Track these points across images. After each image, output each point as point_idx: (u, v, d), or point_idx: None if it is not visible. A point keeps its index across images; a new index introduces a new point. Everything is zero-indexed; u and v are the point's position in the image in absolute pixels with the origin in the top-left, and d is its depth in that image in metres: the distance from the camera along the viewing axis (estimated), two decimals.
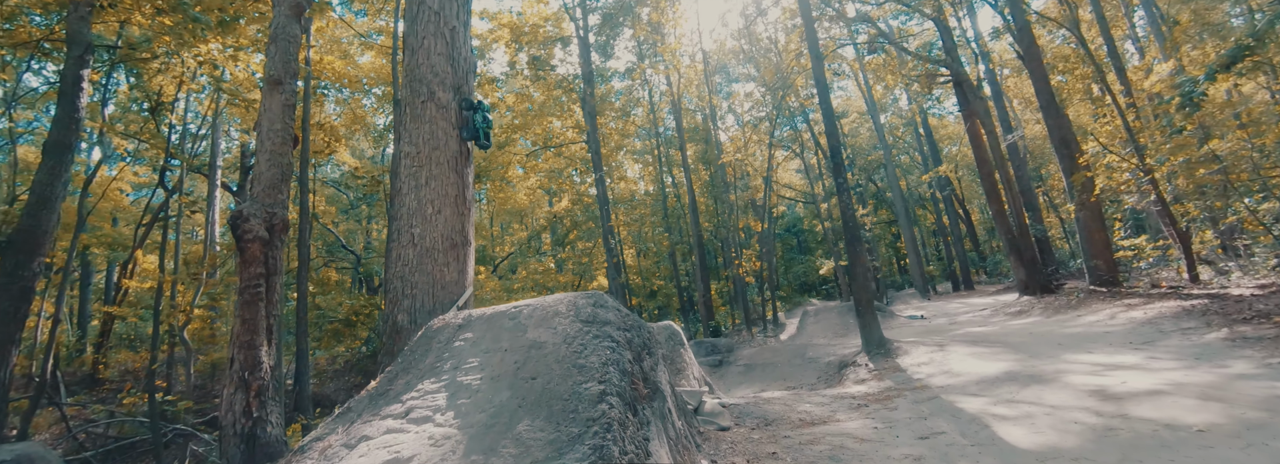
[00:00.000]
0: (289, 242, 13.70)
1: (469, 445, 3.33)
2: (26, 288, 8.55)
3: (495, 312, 4.87)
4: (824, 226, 30.11)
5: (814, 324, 20.38)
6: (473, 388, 3.89)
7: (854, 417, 6.75)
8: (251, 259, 6.50)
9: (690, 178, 26.11)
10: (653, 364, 4.57)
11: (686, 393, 6.63)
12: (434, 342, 4.69)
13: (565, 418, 3.42)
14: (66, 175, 9.57)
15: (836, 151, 11.76)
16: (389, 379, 4.46)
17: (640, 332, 4.80)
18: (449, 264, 6.53)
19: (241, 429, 5.43)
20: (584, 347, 4.06)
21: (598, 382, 3.70)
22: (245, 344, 5.94)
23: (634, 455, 3.34)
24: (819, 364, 14.20)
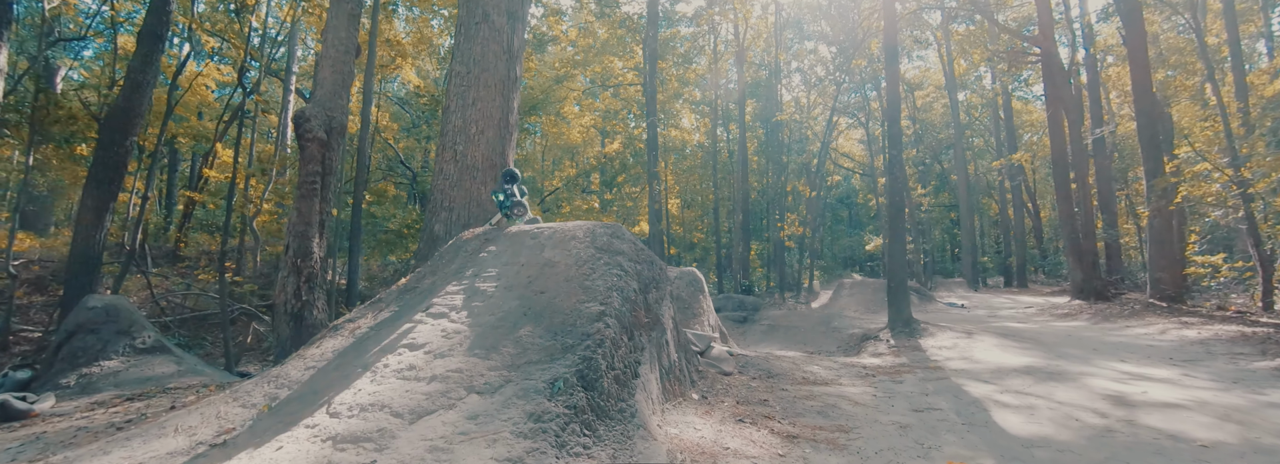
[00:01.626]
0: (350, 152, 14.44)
1: (475, 341, 3.65)
2: (120, 161, 9.48)
3: (519, 230, 5.12)
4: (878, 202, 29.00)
5: (848, 297, 20.21)
6: (487, 294, 4.20)
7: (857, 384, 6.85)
8: (310, 157, 6.98)
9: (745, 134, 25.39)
10: (658, 298, 4.75)
11: (695, 335, 6.87)
12: (461, 251, 5.01)
13: (563, 330, 3.68)
14: (157, 63, 10.27)
15: (894, 116, 11.16)
16: (418, 278, 4.84)
17: (651, 266, 4.96)
18: (486, 183, 6.80)
19: (292, 309, 6.08)
20: (593, 270, 4.26)
21: (599, 303, 3.91)
22: (299, 234, 6.51)
23: (620, 372, 3.59)
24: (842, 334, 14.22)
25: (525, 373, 3.29)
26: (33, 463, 3.03)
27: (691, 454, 3.30)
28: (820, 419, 4.82)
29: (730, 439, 3.80)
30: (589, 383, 3.27)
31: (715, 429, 3.95)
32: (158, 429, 3.23)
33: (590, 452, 2.90)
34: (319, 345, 4.03)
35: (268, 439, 2.94)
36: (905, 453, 4.04)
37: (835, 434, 4.35)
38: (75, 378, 5.40)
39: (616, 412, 3.29)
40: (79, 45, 19.65)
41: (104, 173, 9.37)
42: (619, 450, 3.02)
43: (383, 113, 19.34)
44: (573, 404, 3.07)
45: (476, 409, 3.01)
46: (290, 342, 5.70)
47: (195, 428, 3.16)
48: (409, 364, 3.45)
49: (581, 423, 3.02)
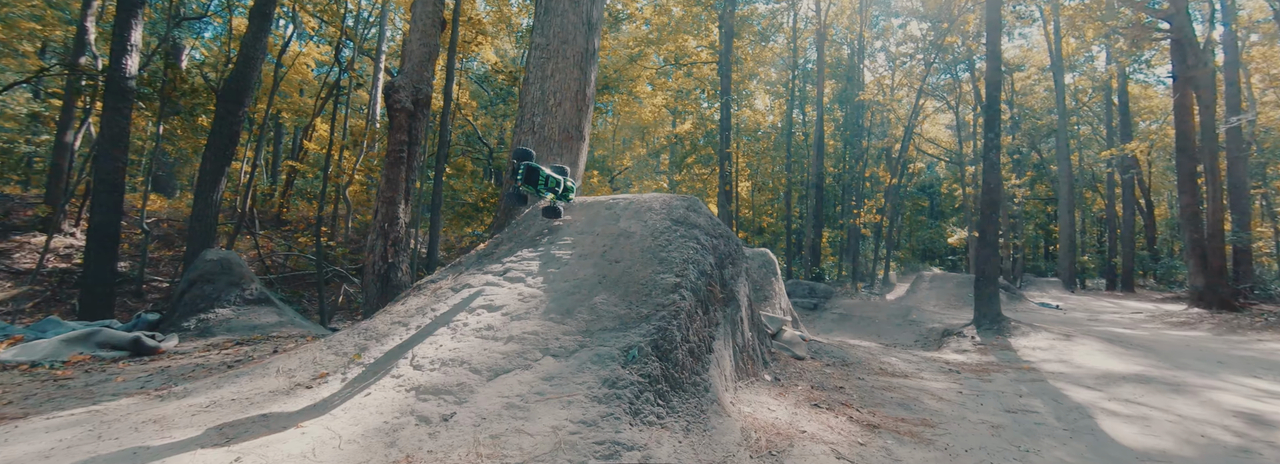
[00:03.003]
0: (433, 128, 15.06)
1: (550, 305, 3.66)
2: (234, 131, 10.33)
3: (595, 200, 5.09)
4: (965, 192, 26.95)
5: (927, 290, 19.13)
6: (563, 261, 4.20)
7: (940, 379, 6.43)
8: (398, 127, 7.27)
9: (822, 116, 24.17)
10: (734, 274, 4.59)
11: (768, 318, 6.67)
12: (538, 219, 5.05)
13: (638, 299, 3.61)
14: (265, 40, 11.05)
15: (994, 100, 10.19)
16: (495, 244, 4.94)
17: (728, 242, 4.80)
18: (562, 155, 6.83)
19: (379, 270, 6.42)
20: (669, 242, 4.16)
21: (675, 275, 3.81)
22: (387, 200, 6.83)
23: (694, 345, 3.49)
24: (920, 328, 13.48)
25: (600, 339, 3.26)
26: (160, 390, 3.35)
27: (766, 434, 3.17)
28: (902, 411, 4.54)
29: (806, 423, 3.63)
30: (663, 353, 3.20)
31: (790, 411, 3.79)
32: (262, 370, 3.49)
33: (664, 422, 2.83)
34: (404, 303, 4.20)
35: (357, 386, 3.08)
36: (1000, 455, 3.71)
37: (919, 428, 4.07)
38: (194, 322, 5.99)
39: (690, 384, 3.21)
40: (200, 26, 21.54)
41: (220, 141, 10.26)
42: (692, 423, 2.94)
43: (463, 91, 20.01)
44: (647, 373, 3.01)
45: (552, 371, 3.01)
46: (377, 300, 6.03)
47: (294, 371, 3.38)
48: (487, 324, 3.51)
49: (655, 392, 2.95)
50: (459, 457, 2.38)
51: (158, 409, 2.96)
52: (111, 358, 4.80)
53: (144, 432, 2.65)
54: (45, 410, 3.11)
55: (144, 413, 2.91)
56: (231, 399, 3.05)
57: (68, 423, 2.81)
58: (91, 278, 8.98)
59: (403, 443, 2.50)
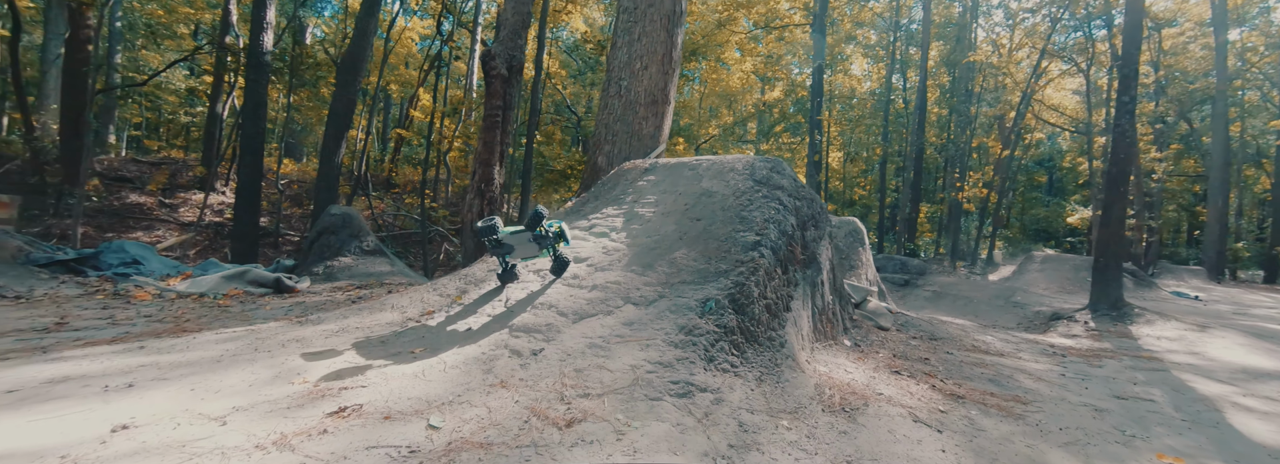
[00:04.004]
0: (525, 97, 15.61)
1: (632, 258, 3.81)
2: (352, 100, 11.32)
3: (677, 161, 5.14)
4: (1092, 166, 23.89)
5: (1037, 272, 17.55)
6: (645, 218, 4.33)
7: (1041, 360, 6.00)
8: (494, 92, 7.64)
9: (925, 81, 22.19)
10: (816, 237, 4.51)
11: (852, 287, 6.49)
12: (622, 179, 5.19)
13: (717, 255, 3.67)
14: (376, 16, 11.87)
15: (1131, 55, 8.87)
16: (581, 203, 5.16)
17: (812, 204, 4.69)
18: (647, 119, 6.88)
19: (476, 227, 6.94)
20: (750, 202, 4.15)
21: (755, 233, 3.81)
22: (484, 161, 7.27)
23: (772, 302, 3.51)
24: (1025, 311, 12.50)
25: (678, 291, 3.38)
26: (299, 318, 3.91)
27: (841, 392, 3.17)
28: (992, 387, 4.32)
29: (884, 387, 3.58)
30: (740, 307, 3.26)
31: (868, 375, 3.74)
32: (379, 306, 3.95)
33: (737, 370, 2.92)
34: None
35: (459, 321, 3.43)
36: (1099, 437, 3.47)
37: (1009, 403, 3.88)
38: (321, 268, 6.82)
39: (765, 339, 3.26)
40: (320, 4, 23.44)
41: (341, 110, 11.30)
42: (766, 374, 3.00)
43: (552, 60, 20.45)
44: (722, 324, 3.09)
45: (632, 317, 3.17)
46: (473, 253, 6.53)
47: (406, 307, 3.81)
48: (573, 274, 3.74)
49: (730, 343, 3.04)
50: (546, 385, 2.61)
51: (298, 331, 3.47)
52: (259, 294, 5.61)
53: (288, 348, 3.13)
54: (214, 327, 3.74)
55: (288, 334, 3.43)
56: (355, 327, 3.50)
57: (231, 337, 3.38)
58: (239, 229, 10.40)
59: (498, 371, 2.77)
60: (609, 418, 2.33)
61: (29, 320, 3.71)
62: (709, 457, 2.21)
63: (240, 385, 2.56)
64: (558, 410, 2.37)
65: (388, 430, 2.17)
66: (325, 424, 2.19)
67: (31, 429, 2.08)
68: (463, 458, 2.00)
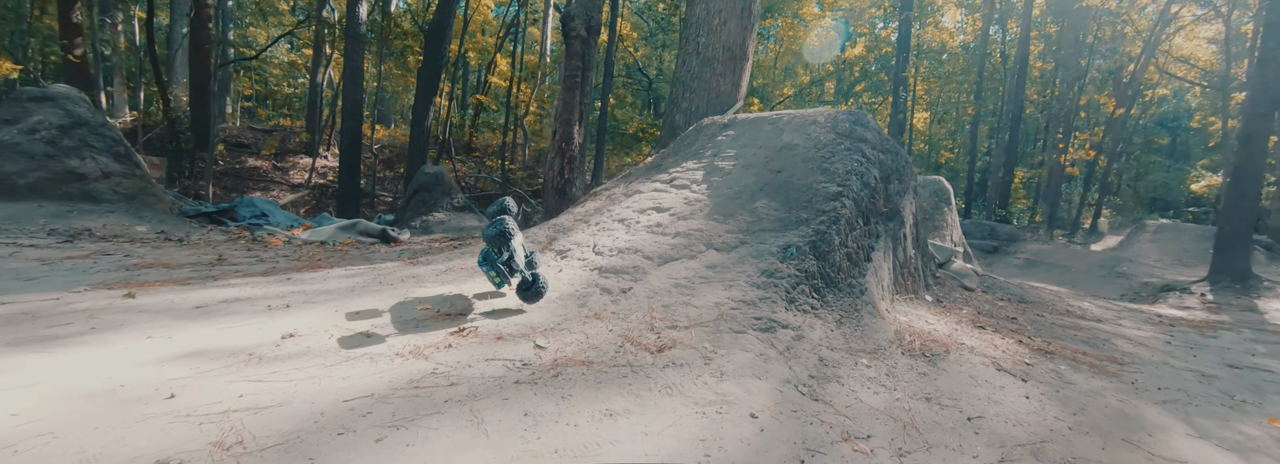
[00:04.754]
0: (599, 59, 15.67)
1: (713, 207, 3.92)
2: (438, 67, 11.86)
3: (757, 116, 5.11)
4: (1225, 126, 20.88)
5: (1149, 242, 15.99)
6: (725, 170, 4.40)
7: (1145, 328, 5.63)
8: (573, 53, 7.77)
9: (1028, 32, 19.96)
10: (899, 190, 4.41)
11: (935, 247, 6.29)
12: (701, 134, 5.25)
13: (798, 205, 3.71)
14: None
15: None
16: (661, 158, 5.28)
17: (896, 157, 4.57)
18: (725, 75, 6.80)
19: (556, 184, 7.24)
20: (832, 153, 4.10)
21: (837, 184, 3.80)
22: (564, 121, 7.51)
23: (852, 250, 3.53)
24: (1131, 282, 11.54)
25: (759, 238, 3.47)
26: (410, 260, 4.36)
27: (921, 339, 3.19)
28: (1085, 347, 4.15)
29: (966, 338, 3.55)
30: (820, 254, 3.31)
31: (950, 327, 3.71)
32: (474, 251, 4.33)
33: (817, 312, 3.01)
34: (583, 205, 4.78)
35: (550, 266, 3.71)
36: (1202, 399, 3.30)
37: (1103, 362, 3.73)
38: (418, 222, 7.43)
39: (845, 285, 3.31)
40: None
41: (429, 76, 11.89)
42: (845, 317, 3.08)
43: (624, 22, 20.23)
44: (803, 268, 3.17)
45: (714, 261, 3.31)
46: (554, 210, 6.86)
47: None
48: (656, 222, 3.91)
49: (810, 286, 3.12)
50: (636, 318, 2.83)
51: (411, 270, 3.89)
52: (368, 242, 6.24)
53: (407, 282, 3.54)
54: (342, 265, 4.26)
55: (403, 271, 3.85)
56: (460, 268, 3.87)
57: (358, 273, 3.85)
58: (343, 188, 11.40)
59: (591, 305, 3.02)
60: (696, 346, 2.51)
61: (195, 257, 4.39)
62: (790, 384, 2.36)
63: (374, 309, 2.95)
64: (649, 338, 2.58)
65: (501, 348, 2.47)
66: (449, 340, 2.53)
67: (220, 334, 2.55)
68: (568, 372, 2.26)
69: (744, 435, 1.92)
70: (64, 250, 4.24)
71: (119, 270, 3.70)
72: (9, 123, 5.88)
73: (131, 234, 5.17)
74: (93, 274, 3.56)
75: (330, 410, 1.86)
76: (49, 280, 3.34)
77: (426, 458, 1.63)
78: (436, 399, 1.97)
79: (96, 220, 5.41)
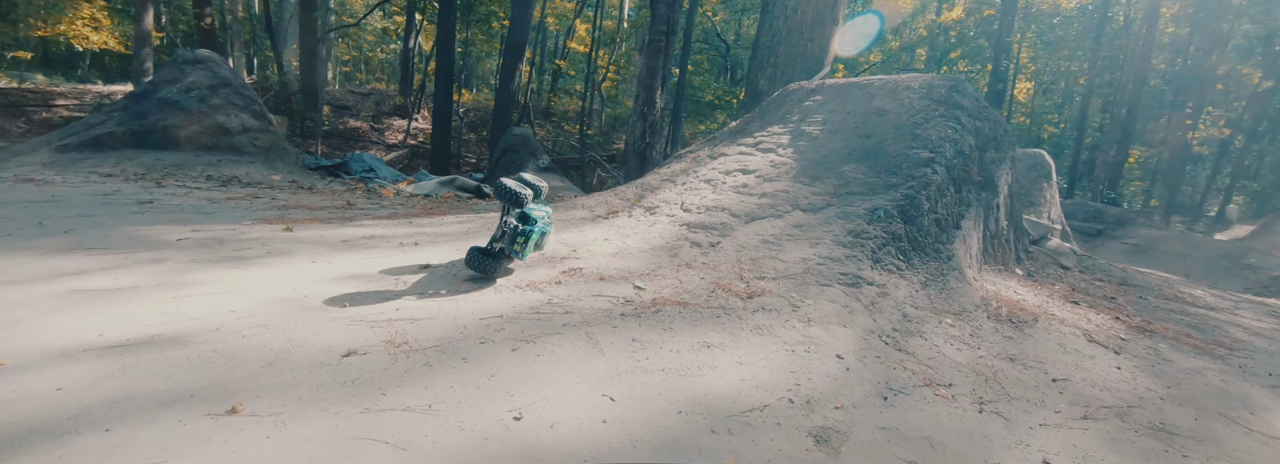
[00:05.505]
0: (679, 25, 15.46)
1: (800, 170, 3.99)
2: (524, 32, 12.17)
3: (847, 81, 5.02)
4: None
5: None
6: (812, 135, 4.41)
7: (1266, 320, 5.21)
8: (658, 18, 7.80)
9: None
10: (996, 160, 4.26)
11: (1031, 223, 6.02)
12: (788, 99, 5.23)
13: (887, 170, 3.71)
14: None
15: None
16: (746, 122, 5.33)
17: (994, 126, 4.39)
18: (813, 40, 6.64)
19: (637, 148, 7.46)
20: (925, 120, 4.02)
21: (928, 150, 3.75)
22: (646, 85, 7.64)
23: (941, 216, 3.52)
24: (1259, 276, 10.48)
25: (846, 200, 3.53)
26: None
27: (1009, 306, 3.19)
28: (1191, 330, 3.95)
29: (1057, 310, 3.49)
30: (908, 218, 3.34)
31: (1041, 299, 3.65)
32: (571, 205, 4.63)
33: (902, 273, 3.08)
34: (668, 166, 4.96)
35: (641, 220, 3.94)
36: None
37: (1209, 345, 3.56)
38: None
39: (932, 249, 3.33)
40: None
41: (515, 41, 12.25)
42: (930, 280, 3.12)
43: None
44: (890, 231, 3.22)
45: (800, 221, 3.42)
46: (635, 173, 7.08)
47: (594, 207, 4.43)
48: (743, 183, 4.03)
49: (897, 248, 3.18)
50: (726, 269, 3.02)
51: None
52: (465, 197, 6.74)
53: None
54: (452, 213, 4.71)
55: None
56: (557, 219, 4.18)
57: (468, 219, 4.26)
58: (435, 149, 12.15)
59: (682, 256, 3.24)
60: (784, 295, 2.68)
61: (328, 202, 4.98)
62: (874, 333, 2.49)
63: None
64: (738, 286, 2.77)
65: (604, 286, 2.74)
66: (559, 278, 2.83)
67: (368, 262, 2.97)
68: (666, 309, 2.49)
69: (831, 371, 2.10)
70: (223, 192, 4.94)
71: (271, 209, 4.29)
72: (170, 82, 6.74)
73: (269, 182, 5.90)
74: (253, 212, 4.16)
75: (471, 325, 2.19)
76: (221, 215, 3.96)
77: (556, 365, 1.92)
78: (556, 323, 2.27)
79: (241, 169, 6.19)
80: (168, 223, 3.59)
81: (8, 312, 2.01)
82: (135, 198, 4.27)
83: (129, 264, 2.69)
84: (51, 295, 2.21)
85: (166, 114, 6.45)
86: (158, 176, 5.32)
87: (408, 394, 1.65)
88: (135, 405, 1.48)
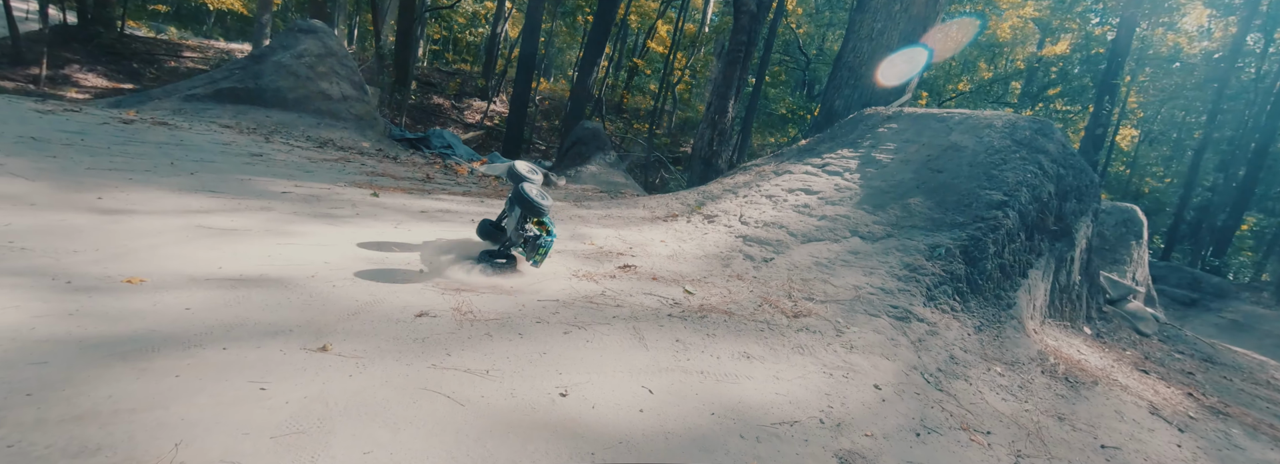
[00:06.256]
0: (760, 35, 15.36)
1: (864, 197, 3.96)
2: (607, 27, 12.44)
3: (925, 112, 4.90)
4: None
5: None
6: (882, 163, 4.36)
7: None
8: (740, 28, 7.83)
9: None
10: (1077, 211, 4.08)
11: (1110, 281, 5.67)
12: (861, 124, 5.16)
13: (955, 208, 3.63)
14: None
15: None
16: (815, 142, 5.30)
17: (1079, 175, 4.20)
18: (898, 65, 6.49)
19: (704, 155, 7.52)
20: (1004, 161, 3.90)
21: (1003, 193, 3.64)
22: (720, 94, 7.69)
23: (1007, 262, 3.42)
24: None
25: (908, 233, 3.49)
26: (575, 203, 4.93)
27: (1067, 364, 3.07)
28: (1276, 420, 3.65)
29: (1122, 377, 3.32)
30: (971, 259, 3.27)
31: (1106, 363, 3.48)
32: (632, 203, 4.77)
33: (956, 314, 3.02)
34: (732, 177, 5.01)
35: (698, 227, 4.02)
36: None
37: None
38: (573, 171, 8.14)
39: (992, 295, 3.25)
40: None
41: (597, 36, 12.56)
42: (985, 325, 3.05)
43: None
44: (950, 270, 3.17)
45: (857, 248, 3.41)
46: (698, 179, 7.15)
47: (653, 208, 4.55)
48: (804, 203, 4.04)
49: (954, 288, 3.12)
50: (775, 285, 3.06)
51: (577, 211, 4.42)
52: None
53: (573, 220, 4.06)
54: None
55: (570, 211, 4.40)
56: (617, 216, 4.33)
57: None
58: (510, 132, 12.63)
59: (734, 267, 3.30)
60: (830, 319, 2.70)
61: (409, 173, 5.34)
62: (917, 370, 2.47)
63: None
64: (786, 304, 2.81)
65: (655, 286, 2.85)
66: (614, 273, 2.96)
67: (441, 234, 3.20)
68: (712, 316, 2.57)
69: (866, 400, 2.12)
70: (320, 153, 5.38)
71: (361, 174, 4.66)
72: (285, 48, 7.36)
73: (360, 147, 6.36)
74: (345, 174, 4.53)
75: (529, 305, 2.35)
76: (319, 174, 4.33)
77: (602, 352, 2.04)
78: (606, 314, 2.40)
79: (336, 133, 6.70)
80: (273, 176, 3.98)
81: (148, 237, 2.33)
82: (248, 150, 4.73)
83: (242, 209, 3.01)
84: (181, 228, 2.53)
85: (279, 76, 7.04)
86: (266, 132, 5.84)
87: (469, 358, 1.81)
88: (246, 332, 1.70)
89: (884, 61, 6.79)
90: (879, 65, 6.78)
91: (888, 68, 6.81)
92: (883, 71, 6.79)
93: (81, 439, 1.18)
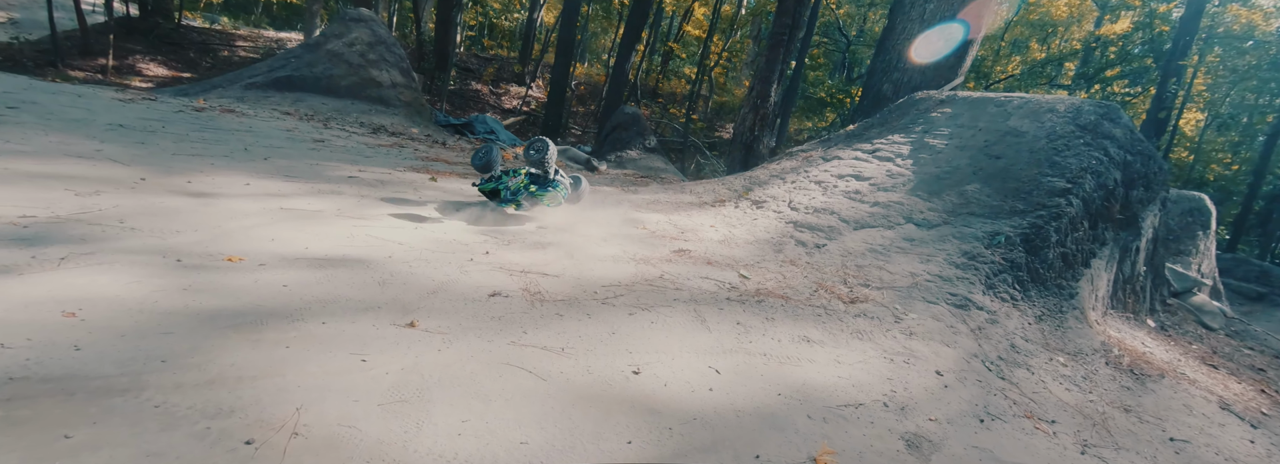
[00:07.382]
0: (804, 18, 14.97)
1: (918, 184, 3.89)
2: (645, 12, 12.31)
3: (981, 96, 4.75)
4: None
5: None
6: (936, 148, 4.26)
7: None
8: (784, 10, 7.66)
9: None
10: (1143, 198, 3.92)
11: (1175, 273, 5.44)
12: (913, 109, 5.03)
13: (1015, 195, 3.54)
14: None
15: None
16: (864, 127, 5.20)
17: (1147, 162, 4.02)
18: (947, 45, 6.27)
19: (744, 139, 7.46)
20: (1067, 147, 3.76)
21: (1066, 180, 3.53)
22: (763, 78, 7.58)
23: (1069, 251, 3.33)
24: None
25: (965, 221, 3.42)
26: (621, 188, 4.99)
27: (1132, 356, 3.00)
28: None
29: (1190, 371, 3.22)
30: (1032, 248, 3.19)
31: (1172, 356, 3.37)
32: (679, 189, 4.80)
33: (1016, 303, 2.97)
34: (778, 163, 4.97)
35: (747, 212, 4.03)
36: None
37: None
38: (613, 157, 8.19)
39: (1054, 284, 3.18)
40: None
41: (635, 21, 12.46)
42: (1046, 315, 3.00)
43: None
44: (1010, 259, 3.11)
45: (912, 235, 3.37)
46: (739, 165, 7.11)
47: (701, 193, 4.57)
48: (855, 189, 3.99)
49: (1014, 277, 3.06)
50: (830, 271, 3.06)
51: (625, 196, 4.48)
52: (576, 167, 7.10)
53: (624, 205, 4.12)
54: None
55: (619, 196, 4.46)
56: (664, 201, 4.37)
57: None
58: (548, 118, 12.74)
59: (786, 253, 3.31)
60: (888, 305, 2.70)
61: (460, 158, 5.49)
62: (977, 358, 2.46)
63: (605, 222, 3.55)
64: (841, 289, 2.82)
65: (711, 270, 2.89)
66: (669, 257, 3.01)
67: (499, 217, 3.29)
68: (769, 301, 2.60)
69: (928, 385, 2.13)
70: (374, 139, 5.57)
71: (416, 159, 4.81)
72: (337, 36, 7.57)
73: (410, 133, 6.54)
74: (402, 159, 4.68)
75: (593, 287, 2.42)
76: (377, 159, 4.50)
77: (667, 333, 2.10)
78: (667, 296, 2.45)
79: (387, 119, 6.90)
80: (338, 161, 4.15)
81: (239, 219, 2.49)
82: (310, 136, 4.93)
83: (316, 192, 3.17)
84: (267, 210, 2.68)
85: (332, 64, 7.26)
86: (324, 119, 6.06)
87: (544, 336, 1.90)
88: (340, 308, 1.82)
89: (936, 44, 6.58)
90: (931, 48, 6.58)
91: (939, 50, 6.59)
92: (933, 54, 6.58)
93: (216, 402, 1.31)
